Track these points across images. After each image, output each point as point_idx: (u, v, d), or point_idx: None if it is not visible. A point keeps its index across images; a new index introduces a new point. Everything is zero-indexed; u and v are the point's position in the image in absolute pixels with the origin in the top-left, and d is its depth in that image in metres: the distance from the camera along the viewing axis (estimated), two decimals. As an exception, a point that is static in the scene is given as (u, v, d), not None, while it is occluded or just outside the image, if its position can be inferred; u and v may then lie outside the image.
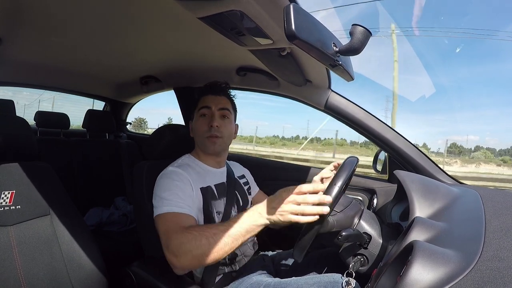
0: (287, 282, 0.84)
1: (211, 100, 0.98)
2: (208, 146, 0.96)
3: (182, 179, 0.86)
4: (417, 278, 0.45)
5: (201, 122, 0.96)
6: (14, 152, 0.87)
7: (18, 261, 0.78)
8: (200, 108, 0.98)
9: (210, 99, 0.99)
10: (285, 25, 0.52)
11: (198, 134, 0.98)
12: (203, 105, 0.97)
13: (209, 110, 0.97)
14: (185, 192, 0.84)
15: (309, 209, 0.65)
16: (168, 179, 0.86)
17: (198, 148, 1.01)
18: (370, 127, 1.14)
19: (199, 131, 0.97)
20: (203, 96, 1.00)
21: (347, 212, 0.82)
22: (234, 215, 0.98)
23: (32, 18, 0.91)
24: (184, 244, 0.70)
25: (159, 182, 0.87)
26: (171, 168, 0.90)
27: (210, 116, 0.96)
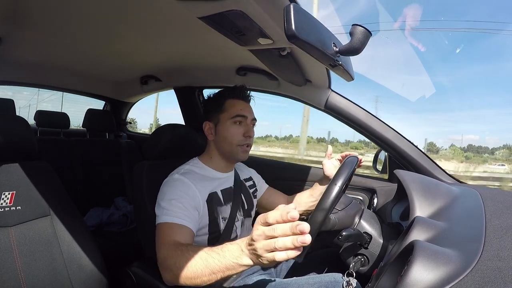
0: (287, 282, 0.84)
1: (245, 109, 0.95)
2: (240, 154, 0.94)
3: (186, 189, 0.84)
4: (417, 278, 0.45)
5: (236, 130, 0.93)
6: (14, 152, 0.87)
7: (18, 262, 0.78)
8: (235, 115, 0.93)
9: (243, 106, 0.95)
10: (285, 25, 0.52)
11: (229, 141, 0.93)
12: (239, 114, 0.93)
13: (245, 119, 0.94)
14: (187, 202, 0.82)
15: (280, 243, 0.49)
16: (171, 187, 0.84)
17: (217, 153, 0.97)
18: (370, 127, 1.14)
19: (232, 139, 0.93)
20: (234, 101, 0.95)
21: (348, 211, 0.82)
22: (240, 219, 0.98)
23: (32, 18, 0.91)
24: (167, 260, 0.69)
25: (163, 189, 0.85)
26: (176, 176, 0.87)
27: (246, 126, 0.94)
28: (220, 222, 0.90)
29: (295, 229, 0.49)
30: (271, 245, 0.50)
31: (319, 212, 0.70)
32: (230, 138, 0.93)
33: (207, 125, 0.97)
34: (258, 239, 0.52)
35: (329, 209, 0.70)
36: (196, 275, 0.63)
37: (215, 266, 0.60)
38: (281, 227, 0.50)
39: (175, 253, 0.68)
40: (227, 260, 0.59)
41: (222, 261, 0.59)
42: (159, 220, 0.79)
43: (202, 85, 1.64)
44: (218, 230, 0.90)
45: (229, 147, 0.94)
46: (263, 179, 1.20)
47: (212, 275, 0.61)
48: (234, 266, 0.58)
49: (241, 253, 0.57)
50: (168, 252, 0.71)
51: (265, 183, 1.19)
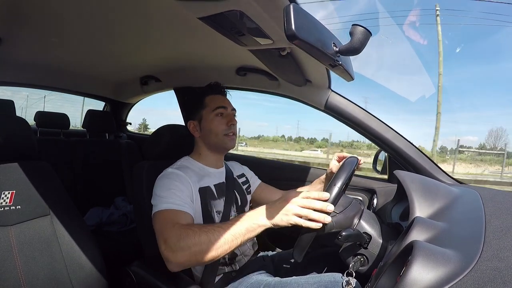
0: (287, 281, 0.84)
1: (224, 100, 1.02)
2: (227, 143, 0.99)
3: (181, 180, 0.86)
4: (417, 278, 0.45)
5: (220, 121, 0.98)
6: (14, 152, 0.87)
7: (18, 261, 0.78)
8: (215, 108, 0.99)
9: (222, 99, 1.02)
10: (285, 25, 0.52)
11: (215, 132, 0.97)
12: (220, 105, 0.99)
13: (226, 110, 1.00)
14: (183, 191, 0.84)
15: (315, 215, 0.66)
16: (166, 179, 0.86)
17: (206, 148, 1.01)
18: (370, 127, 1.14)
19: (218, 130, 0.97)
20: (213, 96, 1.02)
21: (346, 213, 0.82)
22: (233, 215, 0.98)
23: (32, 18, 0.91)
24: (183, 239, 0.69)
25: (158, 182, 0.87)
26: (170, 170, 0.90)
27: (228, 115, 1.00)
28: (214, 216, 0.91)
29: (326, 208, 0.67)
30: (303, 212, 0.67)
31: None
32: (216, 129, 0.97)
33: (191, 124, 1.02)
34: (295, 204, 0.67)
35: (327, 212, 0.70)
36: (218, 245, 0.68)
37: (236, 231, 0.69)
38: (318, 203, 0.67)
39: (191, 231, 0.70)
40: (247, 222, 0.70)
41: (243, 224, 0.70)
42: (158, 208, 0.80)
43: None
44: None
45: (216, 138, 0.98)
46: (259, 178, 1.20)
47: (234, 241, 0.69)
48: (254, 227, 0.70)
49: (260, 216, 0.70)
50: (181, 232, 0.71)
51: (258, 179, 1.20)
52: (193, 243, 0.68)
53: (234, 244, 0.69)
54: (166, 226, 0.75)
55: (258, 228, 0.70)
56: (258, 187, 1.18)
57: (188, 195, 0.85)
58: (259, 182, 1.20)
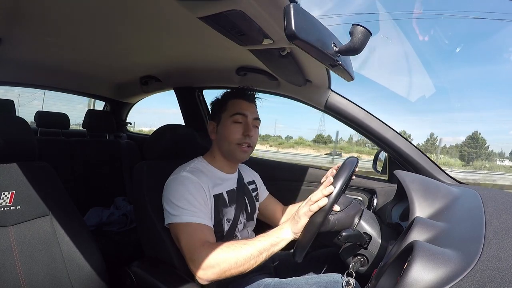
0: (287, 282, 0.84)
1: (247, 108, 0.94)
2: (238, 154, 0.93)
3: (197, 188, 0.84)
4: (417, 278, 0.45)
5: (235, 128, 0.92)
6: (14, 152, 0.87)
7: (18, 262, 0.77)
8: (234, 113, 0.92)
9: (245, 105, 0.94)
10: (285, 25, 0.52)
11: (228, 140, 0.92)
12: (239, 112, 0.92)
13: (245, 118, 0.93)
14: (201, 201, 0.83)
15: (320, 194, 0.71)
16: (182, 185, 0.84)
17: (219, 153, 0.97)
18: (370, 127, 1.14)
19: (231, 138, 0.92)
20: (236, 100, 0.95)
21: (347, 212, 0.82)
22: (243, 222, 0.98)
23: (32, 18, 0.91)
24: (212, 258, 0.73)
25: (172, 186, 0.84)
26: (184, 174, 0.86)
27: (245, 125, 0.93)
28: (224, 223, 0.90)
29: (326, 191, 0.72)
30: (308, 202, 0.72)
31: (318, 213, 0.70)
32: (229, 137, 0.92)
33: (211, 125, 0.98)
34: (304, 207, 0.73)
35: (328, 210, 0.70)
36: (245, 261, 0.72)
37: (262, 246, 0.73)
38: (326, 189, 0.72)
39: (219, 249, 0.74)
40: (271, 238, 0.74)
41: (267, 239, 0.74)
42: (179, 219, 0.79)
43: (202, 85, 1.65)
44: (222, 231, 0.90)
45: (228, 146, 0.93)
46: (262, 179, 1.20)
47: (259, 256, 0.73)
48: (277, 240, 0.74)
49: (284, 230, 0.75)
50: (209, 250, 0.74)
51: (266, 190, 1.19)
52: (222, 260, 0.72)
53: (260, 259, 0.73)
54: (195, 244, 0.76)
55: (282, 242, 0.74)
56: (265, 199, 1.17)
57: (205, 203, 0.84)
58: (267, 194, 1.19)
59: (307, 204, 0.72)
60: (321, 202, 0.69)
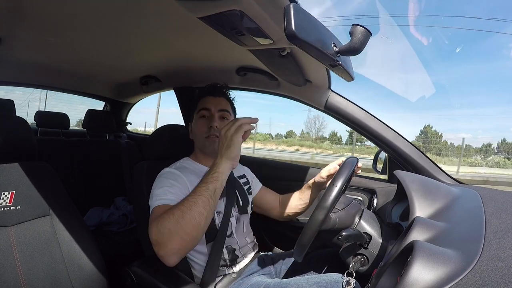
0: (286, 282, 0.84)
1: (211, 102, 1.00)
2: (208, 146, 0.97)
3: (176, 178, 0.86)
4: (417, 278, 0.45)
5: (201, 123, 0.98)
6: (14, 152, 0.87)
7: (18, 262, 0.77)
8: (199, 109, 0.99)
9: (209, 100, 1.00)
10: (285, 25, 0.52)
11: (197, 135, 0.99)
12: (203, 107, 0.99)
13: (209, 112, 0.98)
14: (178, 189, 0.83)
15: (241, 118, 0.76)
16: (162, 178, 0.86)
17: (198, 149, 1.02)
18: (370, 127, 1.14)
19: (199, 132, 0.98)
20: (203, 98, 1.02)
21: (348, 210, 0.83)
22: (235, 215, 0.98)
23: (32, 18, 0.91)
24: (162, 225, 0.68)
25: (155, 182, 0.87)
26: (167, 169, 0.91)
27: (210, 117, 0.98)
28: (215, 216, 0.90)
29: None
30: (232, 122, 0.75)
31: (320, 211, 0.70)
32: (197, 132, 0.99)
33: (189, 125, 1.05)
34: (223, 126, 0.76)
35: (330, 208, 0.70)
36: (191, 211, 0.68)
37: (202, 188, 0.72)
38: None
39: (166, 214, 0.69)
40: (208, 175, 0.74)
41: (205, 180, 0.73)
42: (152, 206, 0.79)
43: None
44: (215, 225, 0.90)
45: (199, 141, 0.99)
46: (260, 179, 1.20)
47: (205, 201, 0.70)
48: (215, 176, 0.73)
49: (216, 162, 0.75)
50: (160, 220, 0.70)
51: (259, 182, 1.20)
52: (172, 223, 0.67)
53: (207, 206, 0.70)
54: (151, 220, 0.74)
55: (220, 176, 0.74)
56: (259, 191, 1.17)
57: (184, 192, 0.83)
58: (261, 186, 1.20)
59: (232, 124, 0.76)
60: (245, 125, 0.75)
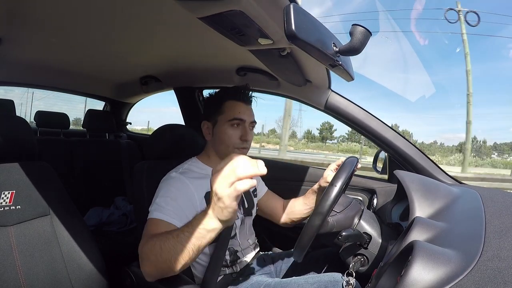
0: (287, 282, 0.84)
1: (245, 111, 0.93)
2: None
3: (181, 188, 0.83)
4: (417, 278, 0.45)
5: (233, 132, 0.91)
6: (14, 152, 0.87)
7: (18, 261, 0.77)
8: (232, 118, 0.91)
9: (242, 109, 0.93)
10: (285, 25, 0.53)
11: (226, 144, 0.92)
12: (237, 117, 0.91)
13: (243, 123, 0.92)
14: (181, 201, 0.81)
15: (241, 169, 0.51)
16: (167, 185, 0.84)
17: (215, 153, 0.97)
18: (370, 127, 1.14)
19: (229, 142, 0.91)
20: (233, 103, 0.93)
21: (347, 213, 0.83)
22: (240, 217, 0.97)
23: (32, 18, 0.91)
24: (144, 248, 0.68)
25: (159, 186, 0.85)
26: (174, 174, 0.87)
27: (243, 129, 0.92)
28: None
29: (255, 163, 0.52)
30: (231, 177, 0.52)
31: (317, 216, 0.70)
32: (227, 141, 0.91)
33: (205, 125, 0.97)
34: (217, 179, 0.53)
35: (327, 213, 0.70)
36: (170, 255, 0.62)
37: (185, 239, 0.60)
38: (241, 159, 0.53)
39: (151, 240, 0.67)
40: (195, 229, 0.59)
41: (191, 231, 0.60)
42: (150, 215, 0.78)
43: (202, 85, 1.65)
44: None
45: (226, 150, 0.92)
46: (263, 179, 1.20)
47: (184, 250, 0.61)
48: (202, 233, 0.59)
49: (207, 217, 0.58)
50: (146, 241, 0.69)
51: (264, 185, 1.19)
52: (152, 252, 0.65)
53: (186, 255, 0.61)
54: (144, 235, 0.74)
55: (208, 234, 0.59)
56: (264, 195, 1.17)
57: (188, 204, 0.82)
58: (266, 189, 1.19)
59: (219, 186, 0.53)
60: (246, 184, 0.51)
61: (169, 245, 0.62)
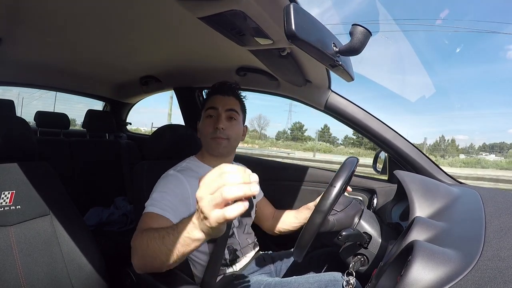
0: (287, 281, 0.84)
1: (219, 101, 0.96)
2: (213, 147, 0.94)
3: (177, 184, 0.84)
4: (417, 278, 0.45)
5: (207, 123, 0.94)
6: (14, 152, 0.87)
7: (18, 261, 0.77)
8: (207, 108, 0.96)
9: (217, 99, 0.96)
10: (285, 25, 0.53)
11: (203, 135, 0.96)
12: (210, 106, 0.95)
13: (216, 111, 0.94)
14: (175, 196, 0.81)
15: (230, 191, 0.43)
16: (164, 182, 0.85)
17: (204, 149, 0.99)
18: (370, 127, 1.14)
19: (205, 132, 0.95)
20: (211, 96, 0.98)
21: (347, 212, 0.83)
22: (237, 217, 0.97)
23: (32, 18, 0.91)
24: (135, 241, 0.69)
25: (157, 183, 0.86)
26: (171, 172, 0.89)
27: (216, 117, 0.94)
28: None
29: (247, 177, 0.45)
30: (217, 198, 0.44)
31: (318, 214, 0.70)
32: (202, 131, 0.96)
33: (198, 124, 1.01)
34: (203, 196, 0.46)
35: (328, 211, 0.70)
36: (155, 254, 0.61)
37: (170, 243, 0.58)
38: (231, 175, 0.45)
39: (141, 234, 0.68)
40: (180, 235, 0.56)
41: (177, 236, 0.57)
42: (145, 210, 0.78)
43: (202, 85, 1.65)
44: None
45: (204, 141, 0.97)
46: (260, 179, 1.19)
47: (169, 254, 0.59)
48: (187, 241, 0.56)
49: (192, 226, 0.54)
50: (137, 234, 0.70)
51: (261, 191, 1.19)
52: (140, 247, 0.66)
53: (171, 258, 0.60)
54: (137, 228, 0.74)
55: (193, 243, 0.56)
56: (260, 201, 1.17)
57: (181, 199, 0.82)
58: (262, 195, 1.19)
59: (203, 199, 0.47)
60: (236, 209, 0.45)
61: (155, 244, 0.61)
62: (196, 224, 0.53)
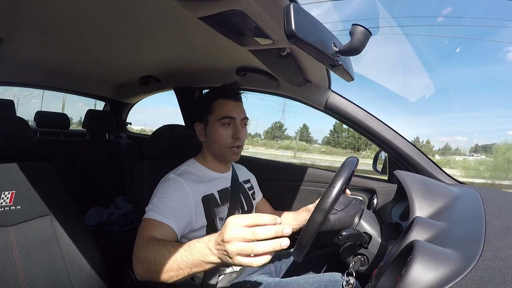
0: (287, 281, 0.84)
1: (234, 109, 0.92)
2: (230, 157, 0.93)
3: (178, 189, 0.83)
4: (417, 278, 0.45)
5: (224, 132, 0.91)
6: (14, 152, 0.87)
7: (18, 262, 0.77)
8: (222, 117, 0.90)
9: (232, 107, 0.92)
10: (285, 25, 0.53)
11: (218, 144, 0.92)
12: (227, 115, 0.90)
13: (234, 121, 0.91)
14: (177, 202, 0.81)
15: (260, 247, 0.47)
16: (164, 186, 0.84)
17: (210, 154, 0.97)
18: (370, 127, 1.14)
19: (221, 142, 0.91)
20: (222, 101, 0.92)
21: (348, 211, 0.83)
22: None
23: (32, 18, 0.91)
24: (139, 251, 0.68)
25: (157, 187, 0.85)
26: (171, 176, 0.87)
27: (234, 127, 0.91)
28: (217, 223, 0.90)
29: (280, 231, 0.48)
30: (247, 250, 0.48)
31: (318, 212, 0.70)
32: (219, 140, 0.91)
33: (198, 126, 0.97)
34: (232, 240, 0.49)
35: (328, 210, 0.70)
36: (163, 269, 0.61)
37: (182, 262, 0.59)
38: (265, 229, 0.48)
39: (147, 246, 0.67)
40: (194, 257, 0.57)
41: (189, 257, 0.58)
42: (146, 215, 0.78)
43: (202, 85, 1.65)
44: (216, 231, 0.90)
45: (219, 149, 0.93)
46: (260, 179, 1.20)
47: (179, 271, 0.60)
48: (201, 263, 0.57)
49: (208, 252, 0.55)
50: (142, 244, 0.69)
51: (260, 192, 1.19)
52: (145, 258, 0.65)
53: (181, 274, 0.60)
54: (139, 234, 0.74)
55: (206, 265, 0.57)
56: (259, 202, 1.17)
57: (183, 205, 0.82)
58: (261, 196, 1.19)
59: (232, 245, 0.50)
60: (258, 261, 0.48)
61: (164, 261, 0.61)
62: (215, 253, 0.54)
